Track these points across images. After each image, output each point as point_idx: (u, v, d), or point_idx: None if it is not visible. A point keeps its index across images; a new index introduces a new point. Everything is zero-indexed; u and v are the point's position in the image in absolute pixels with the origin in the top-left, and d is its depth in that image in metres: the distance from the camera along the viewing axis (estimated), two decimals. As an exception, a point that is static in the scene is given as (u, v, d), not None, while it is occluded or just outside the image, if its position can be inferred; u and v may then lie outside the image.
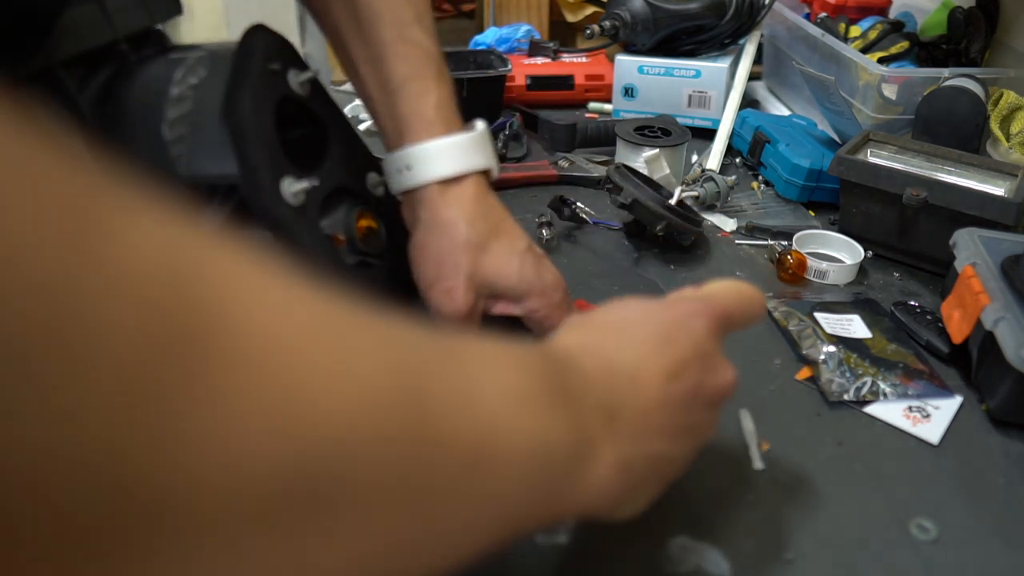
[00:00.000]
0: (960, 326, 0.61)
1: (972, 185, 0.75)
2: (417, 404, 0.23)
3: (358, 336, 0.23)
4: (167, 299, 0.17)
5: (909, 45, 1.04)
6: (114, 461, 0.16)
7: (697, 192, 0.83)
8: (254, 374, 0.19)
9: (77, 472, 0.15)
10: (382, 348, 0.24)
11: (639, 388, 0.37)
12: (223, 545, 0.18)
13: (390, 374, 0.23)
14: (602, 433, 0.34)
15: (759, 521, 0.48)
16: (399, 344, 0.25)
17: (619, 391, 0.36)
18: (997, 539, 0.48)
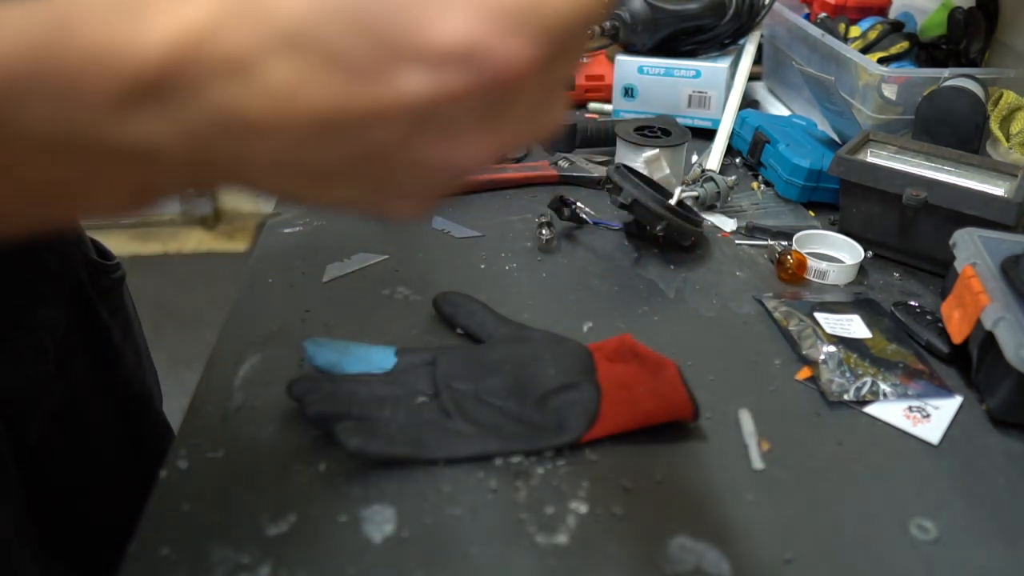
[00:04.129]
0: (960, 326, 0.61)
1: (972, 185, 0.75)
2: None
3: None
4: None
5: (909, 45, 1.04)
6: None
7: (697, 192, 0.83)
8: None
9: None
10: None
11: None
12: None
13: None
14: None
15: (759, 521, 0.48)
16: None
17: None
18: (997, 539, 0.48)
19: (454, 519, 0.47)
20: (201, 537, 0.45)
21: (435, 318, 0.65)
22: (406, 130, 0.25)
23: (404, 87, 0.24)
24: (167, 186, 0.27)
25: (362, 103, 0.24)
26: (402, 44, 0.24)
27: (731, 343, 0.65)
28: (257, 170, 0.26)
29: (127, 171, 0.25)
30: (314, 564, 0.44)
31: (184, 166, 0.26)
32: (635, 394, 0.55)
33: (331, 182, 0.27)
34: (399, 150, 0.26)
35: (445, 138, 0.26)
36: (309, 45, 0.24)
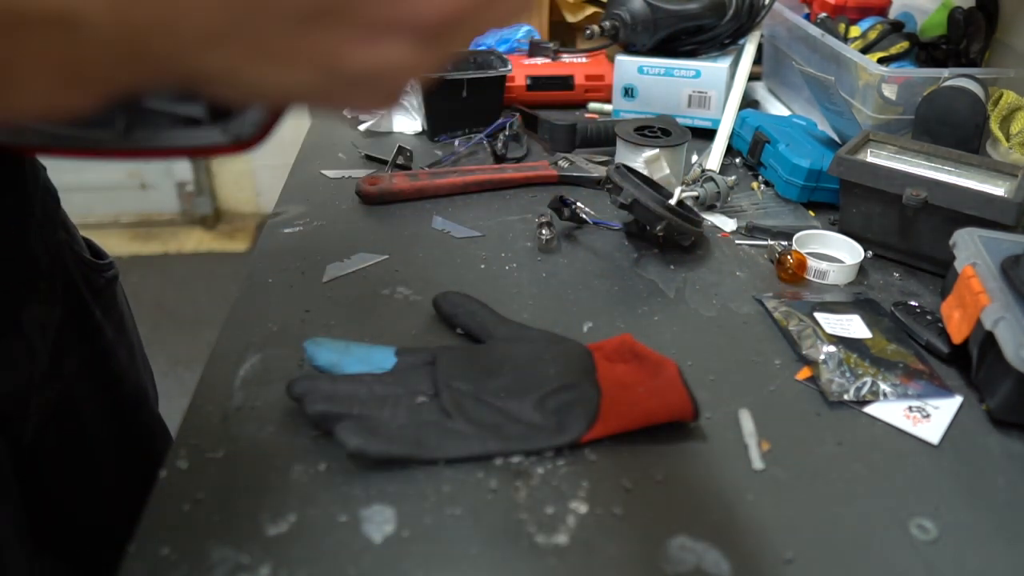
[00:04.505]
0: (960, 326, 0.61)
1: (972, 185, 0.75)
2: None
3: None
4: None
5: (909, 45, 1.04)
6: None
7: (697, 192, 0.83)
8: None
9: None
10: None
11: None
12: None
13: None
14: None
15: (759, 521, 0.48)
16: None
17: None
18: (997, 539, 0.48)
19: (454, 519, 0.47)
20: (201, 537, 0.45)
21: (435, 318, 0.65)
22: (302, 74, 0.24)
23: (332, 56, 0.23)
24: (96, 68, 0.24)
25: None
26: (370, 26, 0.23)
27: (731, 343, 0.65)
28: (194, 43, 0.24)
29: (52, 43, 0.23)
30: (314, 564, 0.44)
31: (111, 40, 0.24)
32: (635, 394, 0.55)
33: (277, 57, 0.25)
34: (350, 4, 0.24)
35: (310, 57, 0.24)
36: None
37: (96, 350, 0.75)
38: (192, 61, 0.24)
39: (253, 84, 0.26)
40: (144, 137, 0.38)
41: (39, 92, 0.24)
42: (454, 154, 0.96)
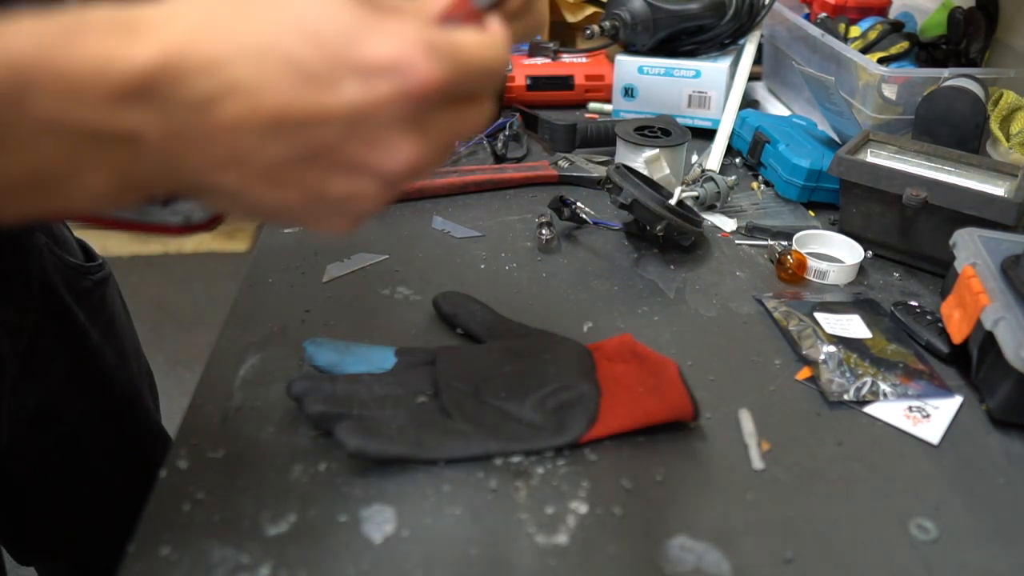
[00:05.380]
0: (960, 326, 0.61)
1: (972, 185, 0.75)
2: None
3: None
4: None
5: (909, 45, 1.04)
6: None
7: (697, 192, 0.83)
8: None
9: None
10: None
11: (253, 64, 0.29)
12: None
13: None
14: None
15: (759, 521, 0.48)
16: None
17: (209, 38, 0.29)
18: (997, 539, 0.48)
19: (454, 519, 0.47)
20: (201, 537, 0.45)
21: (435, 318, 0.65)
22: (343, 132, 0.31)
23: (343, 92, 0.30)
24: (144, 178, 0.31)
25: (310, 103, 0.30)
26: (345, 57, 0.30)
27: (731, 343, 0.65)
28: (219, 163, 0.31)
29: (112, 156, 0.29)
30: (314, 564, 0.44)
31: (160, 156, 0.30)
32: (635, 394, 0.55)
33: (276, 182, 0.32)
34: (336, 151, 0.31)
35: (374, 142, 0.31)
36: (273, 56, 0.29)
37: (81, 354, 0.74)
38: (213, 178, 0.31)
39: (253, 202, 0.33)
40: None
41: (94, 195, 0.30)
42: (454, 154, 0.96)
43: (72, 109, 0.28)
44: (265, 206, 0.33)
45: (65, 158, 0.29)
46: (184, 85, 0.29)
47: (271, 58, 0.30)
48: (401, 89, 0.31)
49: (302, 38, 0.30)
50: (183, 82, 0.29)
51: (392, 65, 0.30)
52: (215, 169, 0.31)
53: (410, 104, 0.31)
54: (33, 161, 0.29)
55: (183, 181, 0.32)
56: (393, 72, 0.30)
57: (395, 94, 0.31)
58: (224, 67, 0.29)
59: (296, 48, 0.30)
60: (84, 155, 0.29)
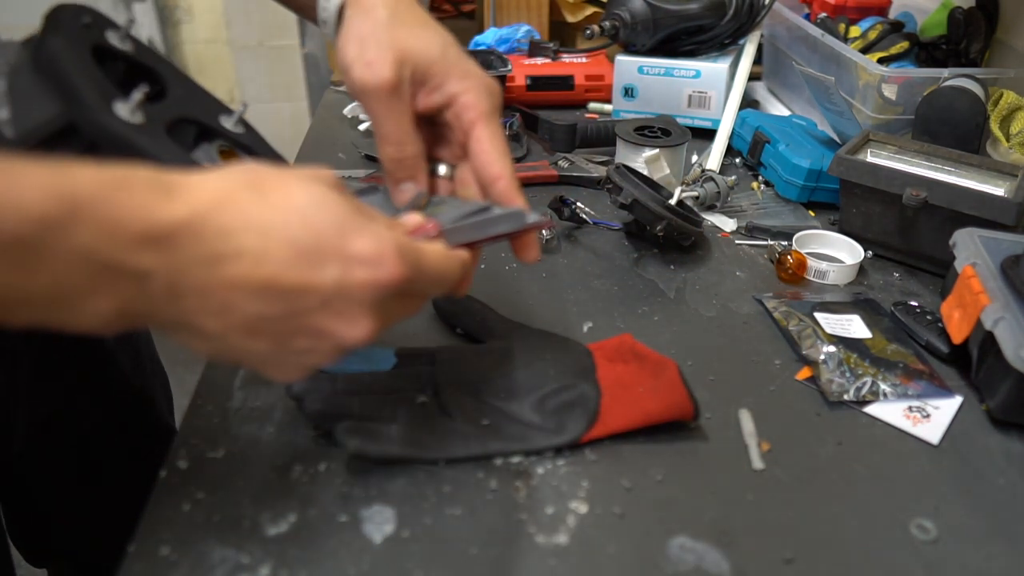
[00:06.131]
0: (960, 326, 0.61)
1: (972, 185, 0.75)
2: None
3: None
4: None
5: (909, 45, 1.04)
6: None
7: (697, 192, 0.83)
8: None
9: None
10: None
11: (257, 240, 0.36)
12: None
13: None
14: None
15: (759, 521, 0.48)
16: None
17: (225, 213, 0.36)
18: (997, 539, 0.48)
19: (454, 519, 0.47)
20: (201, 537, 0.45)
21: (435, 318, 0.65)
22: (319, 303, 0.38)
23: (327, 273, 0.37)
24: (141, 310, 0.36)
25: (299, 278, 0.37)
26: (333, 246, 0.37)
27: (731, 343, 0.65)
28: (208, 311, 0.36)
29: (121, 287, 0.34)
30: (314, 564, 0.44)
31: (160, 295, 0.35)
32: (635, 394, 0.55)
33: (256, 335, 0.38)
34: (309, 317, 0.38)
35: (340, 316, 0.38)
36: (277, 234, 0.36)
37: (96, 357, 0.74)
38: (198, 320, 0.37)
39: (225, 347, 0.38)
40: None
41: (95, 317, 0.35)
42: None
43: (105, 243, 0.33)
44: (235, 351, 0.39)
45: (84, 282, 0.33)
46: (199, 243, 0.35)
47: (275, 236, 0.36)
48: (374, 279, 0.38)
49: (302, 225, 0.37)
50: (198, 240, 0.35)
51: (370, 259, 0.38)
52: (203, 314, 0.36)
53: (377, 292, 0.39)
54: (57, 279, 0.33)
55: (172, 318, 0.37)
56: (369, 264, 0.38)
57: (368, 284, 0.38)
58: (235, 235, 0.35)
59: (296, 232, 0.37)
60: (99, 282, 0.34)
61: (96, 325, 0.35)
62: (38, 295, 0.33)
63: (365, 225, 0.39)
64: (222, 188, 0.36)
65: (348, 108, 1.06)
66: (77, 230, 0.32)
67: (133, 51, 0.51)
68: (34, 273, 0.32)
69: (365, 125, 1.04)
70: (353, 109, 1.05)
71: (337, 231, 0.38)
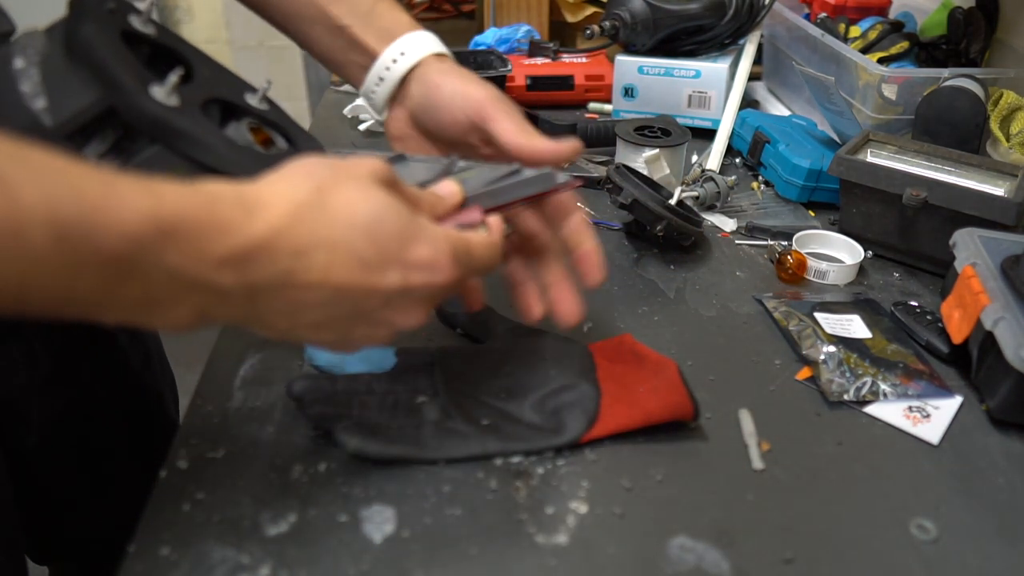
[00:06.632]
0: (960, 326, 0.61)
1: (972, 185, 0.75)
2: None
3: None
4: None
5: (909, 45, 1.04)
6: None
7: (697, 192, 0.83)
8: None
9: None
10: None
11: (336, 238, 0.40)
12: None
13: None
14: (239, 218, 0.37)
15: (759, 521, 0.48)
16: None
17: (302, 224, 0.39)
18: (997, 539, 0.48)
19: (454, 519, 0.47)
20: (201, 537, 0.45)
21: (435, 318, 0.65)
22: (381, 303, 0.42)
23: (389, 278, 0.41)
24: (218, 317, 0.39)
25: (363, 283, 0.41)
26: (394, 255, 0.41)
27: (731, 343, 0.65)
28: (279, 314, 0.40)
29: (201, 300, 0.37)
30: (314, 564, 0.44)
31: (237, 305, 0.38)
32: (635, 394, 0.55)
33: (322, 329, 0.42)
34: (372, 314, 0.42)
35: (400, 310, 0.43)
36: (344, 248, 0.40)
37: (109, 355, 0.75)
38: (269, 320, 0.41)
39: (294, 337, 0.43)
40: None
41: (174, 323, 0.38)
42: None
43: (192, 264, 0.36)
44: (303, 340, 0.43)
45: (170, 295, 0.36)
46: (274, 262, 0.38)
47: (342, 250, 0.40)
48: (430, 282, 0.43)
49: (366, 238, 0.40)
50: (273, 259, 0.38)
51: (427, 265, 0.42)
52: (275, 315, 0.40)
53: (434, 292, 0.43)
54: (147, 292, 0.36)
55: (246, 317, 0.40)
56: (427, 270, 0.42)
57: (425, 285, 0.43)
58: (306, 253, 0.39)
59: (360, 245, 0.40)
60: (184, 296, 0.37)
61: (176, 327, 0.38)
62: (127, 302, 0.36)
63: (421, 231, 0.42)
64: (292, 201, 0.39)
65: (348, 108, 1.06)
66: (167, 251, 0.35)
67: (156, 34, 0.52)
68: (125, 285, 0.35)
69: (365, 125, 1.04)
70: (353, 109, 1.05)
71: (398, 241, 0.41)
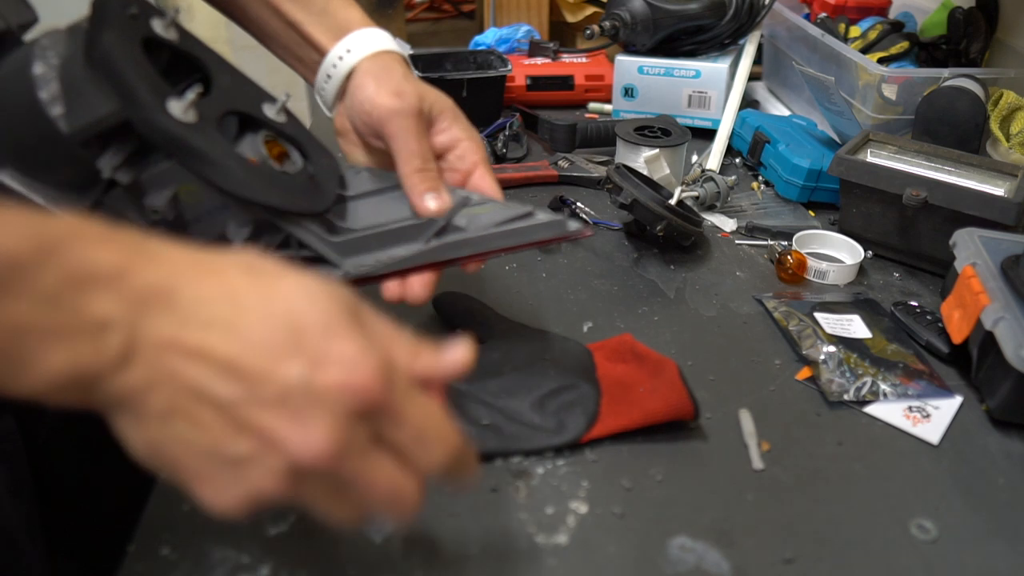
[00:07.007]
0: (960, 326, 0.61)
1: (972, 185, 0.75)
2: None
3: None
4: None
5: (909, 45, 1.04)
6: None
7: (697, 192, 0.83)
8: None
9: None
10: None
11: (229, 324, 0.33)
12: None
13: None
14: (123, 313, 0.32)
15: (759, 521, 0.48)
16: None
17: (200, 306, 0.33)
18: (997, 539, 0.48)
19: (454, 519, 0.47)
20: (201, 537, 0.45)
21: (435, 318, 0.65)
22: (276, 396, 0.33)
23: (294, 365, 0.33)
24: (94, 369, 0.33)
25: (263, 362, 0.33)
26: (313, 342, 0.33)
27: (731, 343, 0.65)
28: (158, 377, 0.33)
29: (79, 337, 0.32)
30: (314, 564, 0.44)
31: (116, 353, 0.32)
32: (635, 394, 0.55)
33: (197, 418, 0.33)
34: (260, 410, 0.33)
35: (295, 417, 0.33)
36: (255, 313, 0.34)
37: None
38: (144, 393, 0.33)
39: (164, 436, 0.34)
40: None
41: (44, 375, 0.32)
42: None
43: (71, 286, 0.31)
44: (171, 444, 0.34)
45: (41, 325, 0.31)
46: (169, 304, 0.33)
47: (252, 314, 0.33)
48: (343, 381, 0.33)
49: (285, 311, 0.33)
50: (169, 301, 0.33)
51: (346, 361, 0.33)
52: (152, 386, 0.33)
53: (344, 397, 0.33)
54: (16, 320, 0.31)
55: (118, 390, 0.33)
56: (343, 366, 0.33)
57: (335, 383, 0.33)
58: (210, 303, 0.33)
59: (276, 316, 0.33)
60: (56, 327, 0.32)
61: (43, 384, 0.33)
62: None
63: (358, 333, 0.34)
64: (215, 262, 0.34)
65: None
66: (45, 271, 0.31)
67: (178, 40, 0.52)
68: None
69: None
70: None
71: (323, 328, 0.34)
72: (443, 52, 1.09)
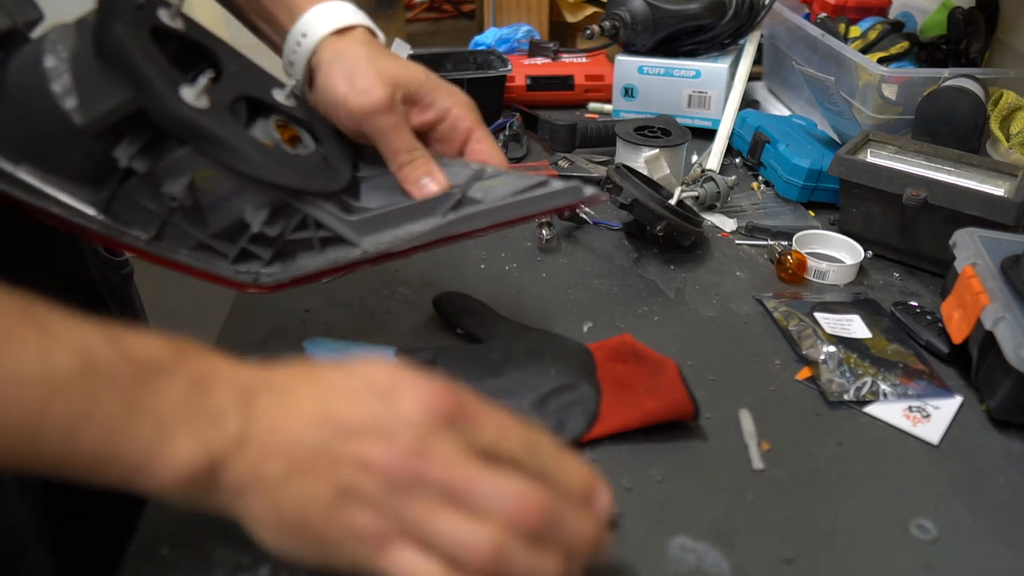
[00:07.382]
0: (960, 326, 0.61)
1: (972, 185, 0.75)
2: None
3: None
4: None
5: (909, 45, 1.04)
6: None
7: (697, 192, 0.83)
8: None
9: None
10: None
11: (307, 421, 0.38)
12: None
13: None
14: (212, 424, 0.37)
15: (759, 521, 0.48)
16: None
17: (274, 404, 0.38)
18: (997, 539, 0.48)
19: (454, 519, 0.47)
20: (201, 537, 0.45)
21: (435, 318, 0.65)
22: (364, 428, 0.37)
23: (374, 403, 0.38)
24: (219, 450, 0.37)
25: (349, 408, 0.38)
26: (387, 389, 0.38)
27: (731, 343, 0.65)
28: (274, 447, 0.37)
29: (203, 423, 0.37)
30: (314, 564, 0.44)
31: (235, 436, 0.37)
32: (635, 394, 0.55)
33: (309, 471, 0.37)
34: (352, 442, 0.37)
35: (382, 438, 0.37)
36: (328, 382, 0.40)
37: None
38: (260, 465, 0.37)
39: (285, 501, 0.38)
40: (169, 250, 0.50)
41: (180, 460, 0.37)
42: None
43: (194, 389, 0.37)
44: (293, 505, 0.38)
45: (175, 414, 0.37)
46: (269, 390, 0.39)
47: (325, 383, 0.39)
48: (423, 400, 0.38)
49: (362, 374, 0.39)
50: (270, 387, 0.39)
51: (421, 387, 0.38)
52: (267, 455, 0.37)
53: (428, 412, 0.37)
54: (157, 411, 0.37)
55: (241, 472, 0.37)
56: (419, 390, 0.38)
57: (415, 404, 0.38)
58: (297, 379, 0.40)
59: (354, 379, 0.39)
60: (185, 415, 0.37)
61: (175, 472, 0.37)
62: (137, 434, 0.36)
63: (415, 382, 0.39)
64: (288, 364, 0.41)
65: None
66: (180, 373, 0.37)
67: (185, 29, 0.52)
68: (145, 398, 0.36)
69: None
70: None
71: (392, 380, 0.38)
72: (443, 52, 1.09)
